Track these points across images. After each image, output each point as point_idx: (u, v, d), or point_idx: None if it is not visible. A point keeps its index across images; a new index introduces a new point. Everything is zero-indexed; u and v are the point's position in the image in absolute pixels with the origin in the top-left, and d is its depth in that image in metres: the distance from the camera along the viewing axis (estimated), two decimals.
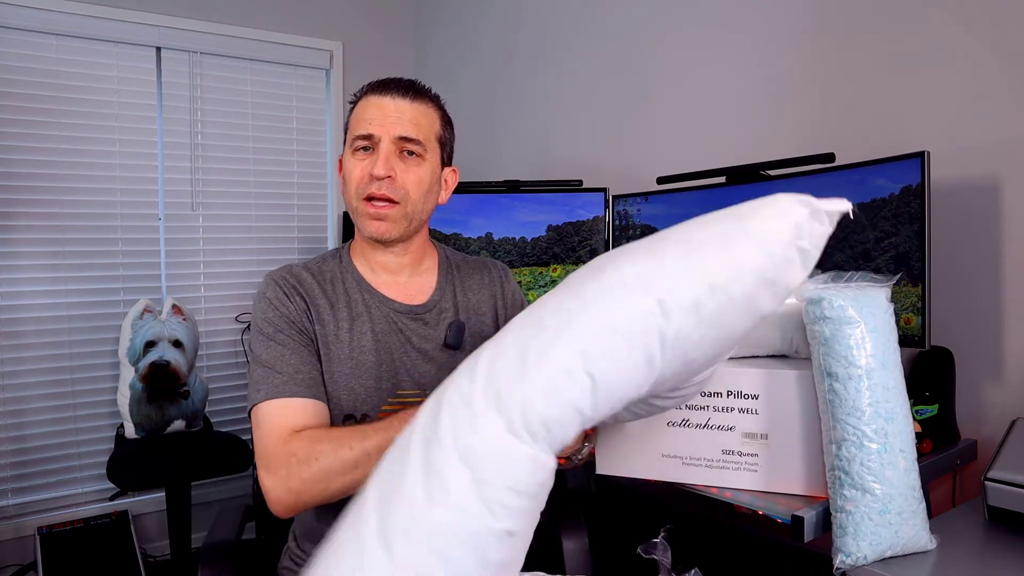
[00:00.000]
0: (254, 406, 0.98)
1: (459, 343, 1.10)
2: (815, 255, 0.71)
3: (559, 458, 0.96)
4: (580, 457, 0.99)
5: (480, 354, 0.69)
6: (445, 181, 1.13)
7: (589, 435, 0.99)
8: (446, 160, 1.13)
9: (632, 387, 0.67)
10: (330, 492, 0.90)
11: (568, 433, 0.65)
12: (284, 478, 0.91)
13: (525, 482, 0.64)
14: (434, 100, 1.10)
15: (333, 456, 0.89)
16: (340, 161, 1.12)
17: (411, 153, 1.05)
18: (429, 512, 0.62)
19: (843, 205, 0.71)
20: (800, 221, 0.69)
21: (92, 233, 2.36)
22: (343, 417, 1.03)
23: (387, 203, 1.03)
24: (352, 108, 1.09)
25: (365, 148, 1.04)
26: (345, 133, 1.10)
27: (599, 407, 0.66)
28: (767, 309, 0.70)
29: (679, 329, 0.66)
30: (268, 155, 2.69)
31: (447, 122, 1.12)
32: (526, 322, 0.70)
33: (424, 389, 1.05)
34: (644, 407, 0.86)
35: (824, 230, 0.71)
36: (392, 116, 1.03)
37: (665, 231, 0.75)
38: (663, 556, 1.01)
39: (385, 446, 0.89)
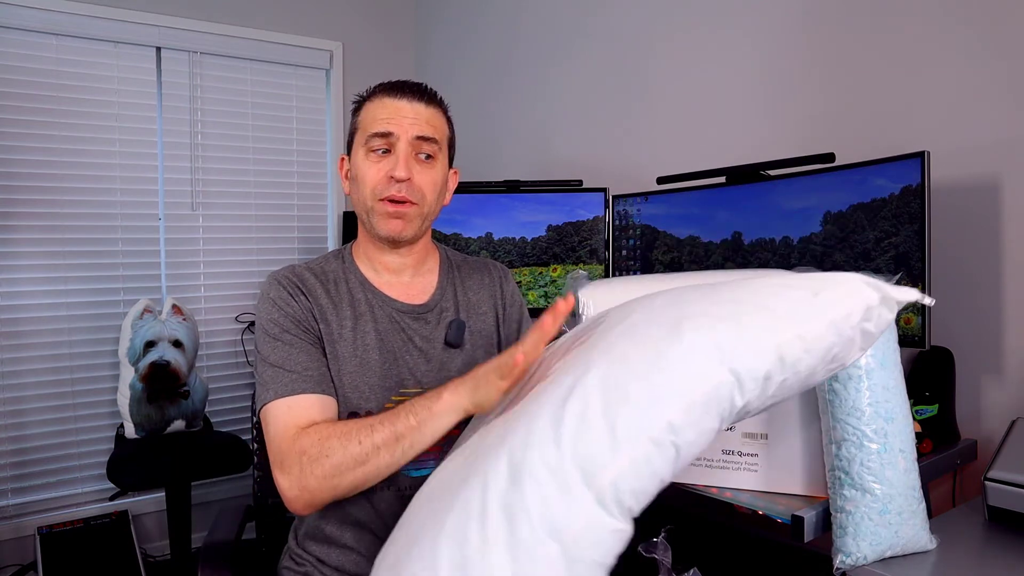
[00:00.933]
0: (264, 406, 0.99)
1: (460, 342, 1.11)
2: (876, 339, 0.73)
3: None
4: None
5: (561, 419, 0.68)
6: (448, 182, 1.14)
7: None
8: (450, 162, 1.14)
9: (704, 446, 0.69)
10: (342, 488, 0.91)
11: (647, 501, 0.67)
12: (297, 477, 0.91)
13: (612, 555, 0.65)
14: (441, 104, 1.11)
15: (342, 451, 0.90)
16: (342, 160, 1.12)
17: (427, 156, 1.06)
18: None
19: (913, 295, 0.72)
20: (871, 305, 0.71)
21: (92, 233, 2.36)
22: (348, 414, 1.04)
23: (406, 203, 1.04)
24: (358, 108, 1.10)
25: (383, 150, 1.05)
26: (351, 134, 1.10)
27: (676, 472, 0.68)
28: (817, 381, 0.73)
29: (749, 399, 0.68)
30: (268, 155, 2.69)
31: (452, 126, 1.14)
32: (608, 382, 0.69)
33: (425, 388, 1.05)
34: None
35: (890, 317, 0.72)
36: (409, 117, 1.04)
37: (737, 278, 0.77)
38: (663, 556, 1.01)
39: (392, 439, 0.89)
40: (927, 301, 0.74)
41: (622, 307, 0.86)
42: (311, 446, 0.91)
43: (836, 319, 0.70)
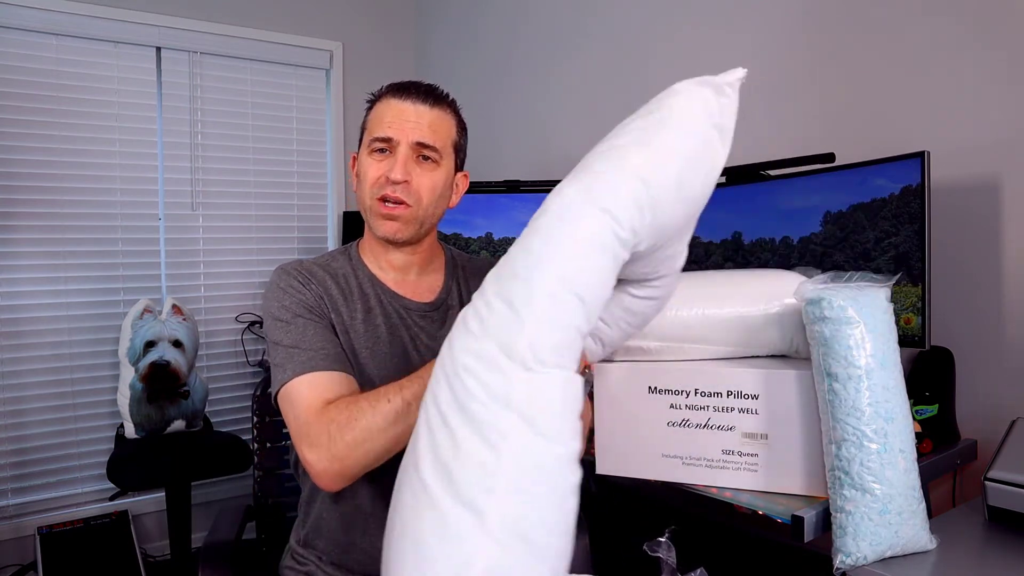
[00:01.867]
0: (281, 387, 0.96)
1: None
2: (731, 129, 0.78)
3: None
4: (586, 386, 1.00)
5: (465, 319, 0.72)
6: (456, 185, 1.14)
7: (587, 367, 1.00)
8: (459, 165, 1.14)
9: (610, 286, 0.72)
10: (375, 452, 0.88)
11: (575, 351, 0.70)
12: (327, 447, 0.88)
13: (563, 402, 0.68)
14: (451, 106, 1.11)
15: (372, 412, 0.88)
16: (354, 158, 1.13)
17: (427, 158, 1.06)
18: (499, 461, 0.64)
19: (739, 73, 0.79)
20: (707, 98, 0.76)
21: (92, 233, 2.36)
22: None
23: (399, 204, 1.04)
24: (370, 107, 1.10)
25: (381, 150, 1.05)
26: (362, 132, 1.11)
27: (591, 318, 0.71)
28: (698, 189, 0.77)
29: (631, 226, 0.71)
30: (268, 155, 2.69)
31: (462, 128, 1.13)
32: (500, 273, 0.74)
33: None
34: (624, 314, 0.90)
35: (732, 101, 0.78)
36: (411, 121, 1.04)
37: (588, 155, 0.80)
38: (667, 555, 1.01)
39: (423, 392, 0.89)
40: (742, 73, 0.80)
41: None
42: (339, 413, 0.89)
43: (680, 122, 0.74)
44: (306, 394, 0.93)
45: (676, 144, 0.74)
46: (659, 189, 0.72)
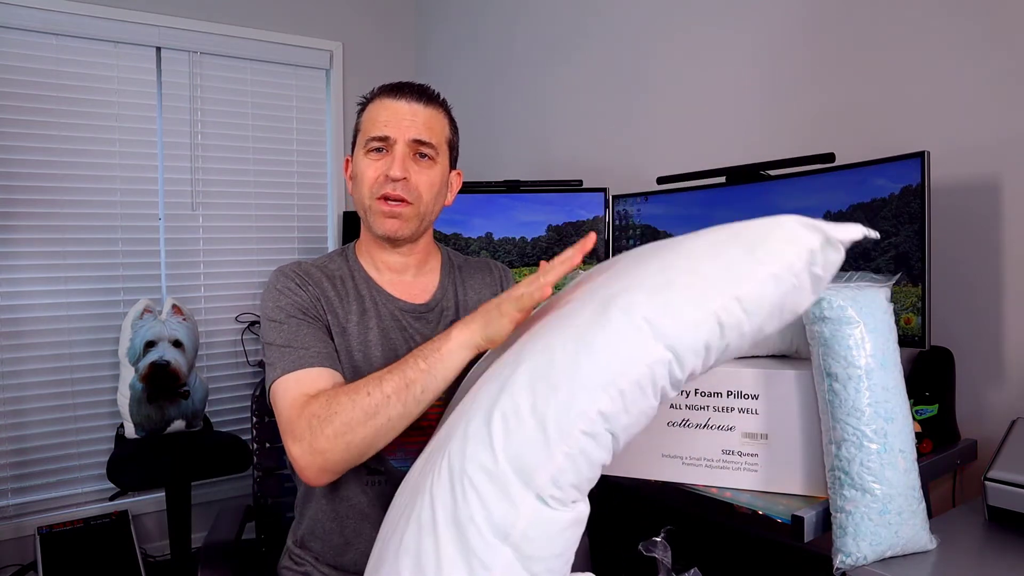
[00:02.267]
0: (272, 384, 0.98)
1: None
2: (827, 281, 0.69)
3: None
4: None
5: (490, 420, 0.67)
6: (450, 184, 1.14)
7: None
8: (453, 163, 1.14)
9: (644, 424, 0.67)
10: (356, 446, 0.88)
11: (591, 484, 0.66)
12: (308, 441, 0.88)
13: (568, 542, 0.65)
14: (443, 105, 1.11)
15: (352, 405, 0.88)
16: (347, 161, 1.13)
17: (424, 156, 1.06)
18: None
19: (856, 232, 0.68)
20: (813, 249, 0.67)
21: (92, 233, 2.36)
22: None
23: (401, 202, 1.04)
24: (362, 109, 1.10)
25: (378, 149, 1.05)
26: (355, 134, 1.11)
27: (618, 451, 0.67)
28: (770, 331, 0.70)
29: (693, 370, 0.66)
30: (268, 155, 2.69)
31: (455, 127, 1.14)
32: (536, 378, 0.67)
33: None
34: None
35: (838, 258, 0.68)
36: (407, 119, 1.05)
37: (666, 250, 0.73)
38: (663, 555, 1.01)
39: (402, 386, 0.87)
40: (872, 235, 0.70)
41: (590, 275, 0.86)
42: (320, 408, 0.89)
43: (777, 272, 0.66)
44: (292, 390, 0.94)
45: (766, 294, 0.66)
46: (734, 335, 0.66)
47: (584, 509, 0.66)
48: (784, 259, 0.67)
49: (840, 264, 0.69)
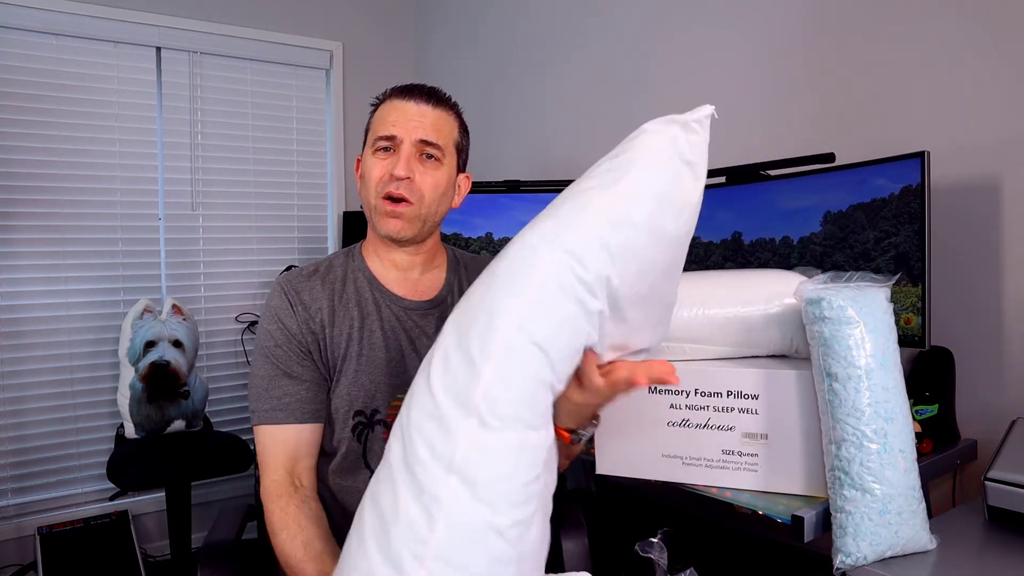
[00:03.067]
0: (253, 425, 1.06)
1: None
2: (702, 165, 0.75)
3: (564, 433, 0.96)
4: (587, 433, 0.97)
5: (429, 370, 0.70)
6: (459, 186, 1.14)
7: (596, 417, 0.98)
8: (461, 166, 1.14)
9: (581, 337, 0.69)
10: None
11: (543, 404, 0.68)
12: (268, 518, 1.01)
13: (516, 467, 0.66)
14: (453, 108, 1.11)
15: (285, 554, 0.97)
16: (358, 161, 1.14)
17: (430, 157, 1.06)
18: (432, 531, 0.63)
19: (707, 109, 0.75)
20: (675, 136, 0.73)
21: (92, 233, 2.36)
22: (352, 413, 1.05)
23: (403, 202, 1.05)
24: (374, 110, 1.11)
25: (385, 148, 1.06)
26: (366, 134, 1.12)
27: (558, 368, 0.68)
28: (673, 229, 0.73)
29: (596, 270, 0.68)
30: (268, 155, 2.69)
31: (464, 130, 1.14)
32: (459, 321, 0.72)
33: None
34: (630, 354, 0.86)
35: (701, 138, 0.74)
36: (414, 120, 1.05)
37: (557, 198, 0.78)
38: (660, 556, 1.01)
39: None
40: (710, 110, 0.76)
41: None
42: (275, 520, 0.99)
43: (647, 163, 0.71)
44: (268, 450, 1.03)
45: (644, 184, 0.71)
46: (629, 230, 0.69)
47: (534, 438, 0.67)
48: (651, 151, 0.72)
49: (706, 144, 0.75)
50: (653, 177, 0.71)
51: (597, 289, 0.69)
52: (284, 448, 1.02)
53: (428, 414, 0.67)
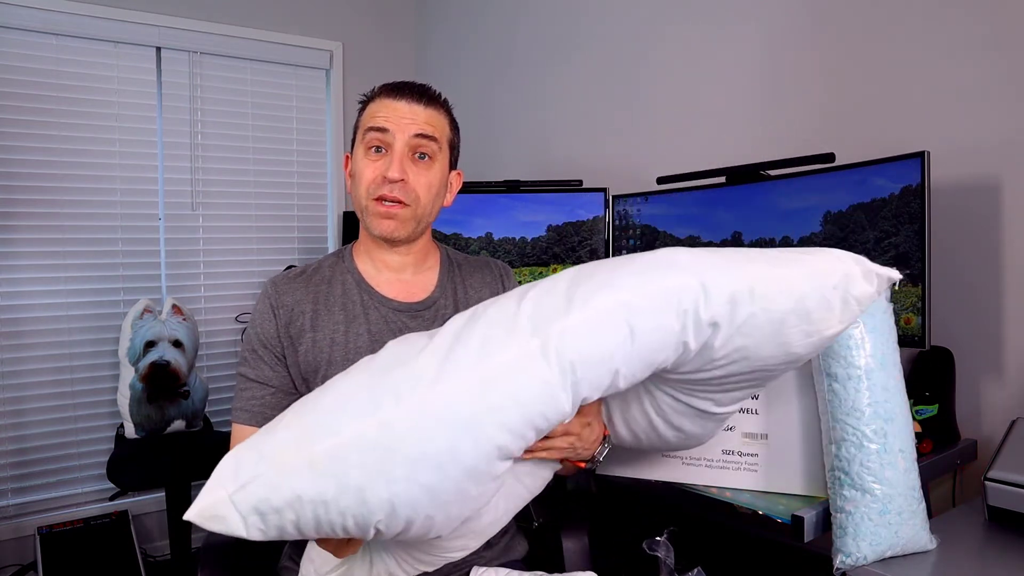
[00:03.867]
0: (232, 418, 1.07)
1: None
2: (855, 313, 0.74)
3: (578, 462, 0.97)
4: (600, 459, 0.98)
5: (530, 289, 0.73)
6: (450, 184, 1.14)
7: (607, 435, 0.98)
8: (453, 163, 1.14)
9: (661, 355, 0.71)
10: None
11: (593, 383, 0.69)
12: None
13: (532, 401, 0.67)
14: (444, 105, 1.11)
15: None
16: (347, 158, 1.13)
17: (423, 156, 1.06)
18: (432, 386, 0.66)
19: (895, 274, 0.74)
20: (851, 273, 0.73)
21: (92, 233, 2.36)
22: None
23: (397, 203, 1.05)
24: (363, 108, 1.10)
25: (377, 148, 1.05)
26: (355, 133, 1.11)
27: (631, 363, 0.70)
28: (796, 345, 0.73)
29: (713, 316, 0.69)
30: (268, 155, 2.69)
31: (455, 127, 1.14)
32: (579, 273, 0.74)
33: None
34: (660, 419, 0.88)
35: (870, 292, 0.74)
36: (407, 117, 1.05)
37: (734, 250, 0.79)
38: (666, 555, 1.01)
39: None
40: (897, 275, 0.76)
41: None
42: None
43: (814, 272, 0.72)
44: (232, 446, 1.03)
45: (797, 285, 0.71)
46: (761, 309, 0.70)
47: (562, 404, 0.69)
48: (824, 265, 0.73)
49: (871, 300, 0.75)
50: (809, 288, 0.72)
51: (702, 331, 0.70)
52: None
53: (505, 314, 0.70)
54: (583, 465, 0.98)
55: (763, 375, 0.78)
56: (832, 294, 0.72)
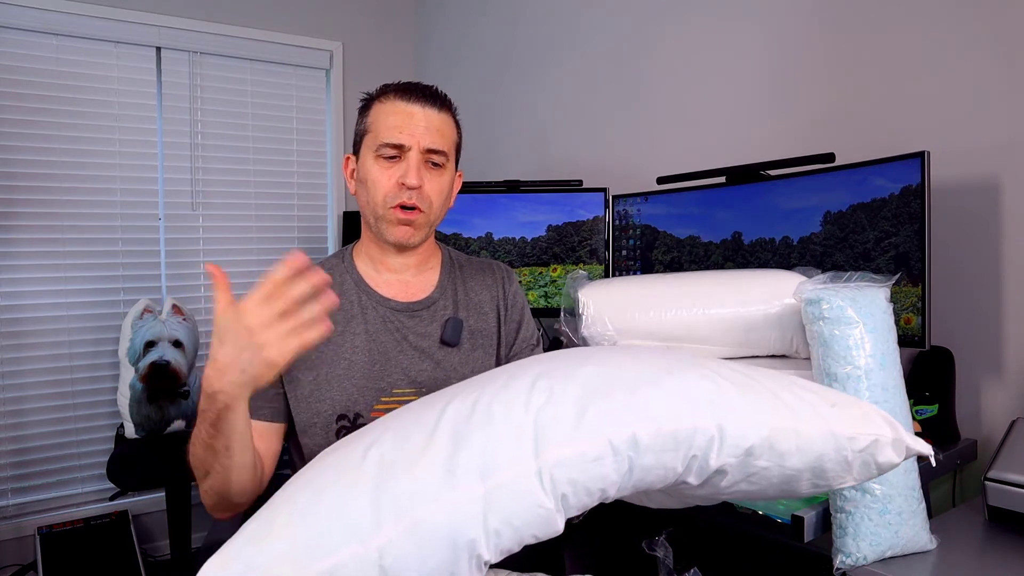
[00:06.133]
0: None
1: (456, 340, 1.10)
2: (872, 476, 0.72)
3: None
4: (582, 516, 0.98)
5: (537, 380, 0.69)
6: (453, 185, 1.14)
7: None
8: (456, 165, 1.14)
9: (656, 484, 0.69)
10: (215, 493, 0.93)
11: (579, 504, 0.66)
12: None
13: (527, 525, 0.65)
14: (452, 109, 1.11)
15: (194, 462, 0.92)
16: (347, 159, 1.12)
17: (436, 164, 1.06)
18: (429, 505, 0.63)
19: (926, 449, 0.71)
20: (881, 440, 0.70)
21: (92, 233, 2.36)
22: (336, 417, 1.04)
23: (415, 210, 1.05)
24: (366, 107, 1.09)
25: (391, 157, 1.05)
26: (360, 134, 1.09)
27: (622, 490, 0.68)
28: (802, 492, 0.72)
29: (723, 465, 0.67)
30: (268, 155, 2.69)
31: (459, 129, 1.14)
32: (596, 374, 0.70)
33: (420, 387, 1.05)
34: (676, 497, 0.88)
35: (895, 463, 0.71)
36: (421, 126, 1.04)
37: (757, 371, 0.75)
38: (665, 556, 1.01)
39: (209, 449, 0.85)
40: (928, 451, 0.73)
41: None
42: (195, 461, 0.94)
43: (839, 434, 0.69)
44: None
45: (822, 446, 0.69)
46: (776, 465, 0.68)
47: (556, 524, 0.66)
48: (853, 427, 0.69)
49: (892, 469, 0.72)
50: (831, 449, 0.69)
51: (706, 474, 0.68)
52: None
53: (510, 419, 0.67)
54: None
55: (759, 497, 0.77)
56: (855, 457, 0.69)
